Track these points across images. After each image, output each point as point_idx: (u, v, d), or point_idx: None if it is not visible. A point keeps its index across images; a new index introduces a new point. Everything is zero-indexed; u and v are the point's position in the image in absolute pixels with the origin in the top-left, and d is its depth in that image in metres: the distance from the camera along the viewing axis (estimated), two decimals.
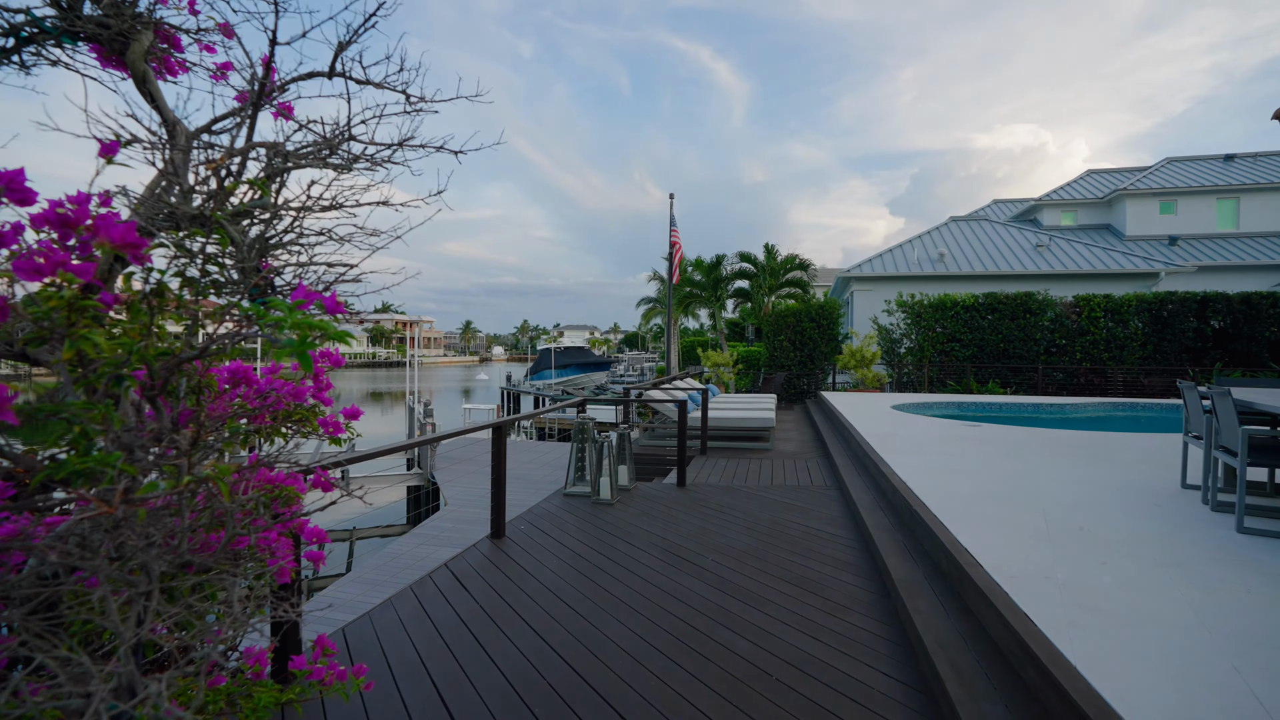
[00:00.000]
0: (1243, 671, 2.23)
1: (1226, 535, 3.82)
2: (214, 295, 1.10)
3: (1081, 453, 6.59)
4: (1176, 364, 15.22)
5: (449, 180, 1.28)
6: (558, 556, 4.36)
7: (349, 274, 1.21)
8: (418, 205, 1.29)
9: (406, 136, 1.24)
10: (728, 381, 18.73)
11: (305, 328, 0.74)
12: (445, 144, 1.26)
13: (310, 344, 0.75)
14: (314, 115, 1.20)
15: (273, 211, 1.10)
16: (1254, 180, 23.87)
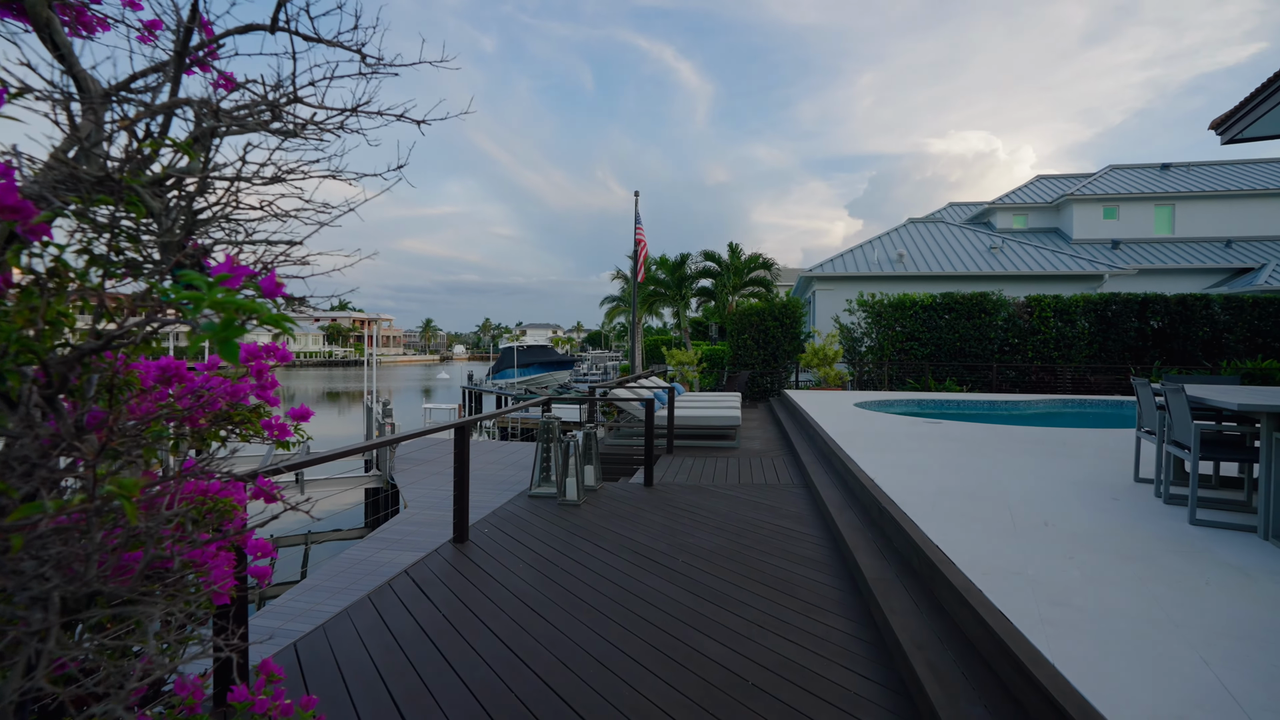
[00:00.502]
0: (1211, 663, 2.25)
1: (1180, 527, 3.93)
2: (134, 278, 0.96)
3: (1038, 449, 6.74)
4: (1120, 362, 15.85)
5: (410, 153, 1.14)
6: (524, 560, 4.22)
7: (295, 254, 1.07)
8: (374, 178, 1.16)
9: (362, 100, 1.10)
10: (692, 380, 18.75)
11: (230, 309, 0.61)
12: (407, 112, 1.12)
13: (237, 329, 0.62)
14: (255, 76, 1.06)
15: (200, 178, 0.95)
16: (1188, 189, 25.10)
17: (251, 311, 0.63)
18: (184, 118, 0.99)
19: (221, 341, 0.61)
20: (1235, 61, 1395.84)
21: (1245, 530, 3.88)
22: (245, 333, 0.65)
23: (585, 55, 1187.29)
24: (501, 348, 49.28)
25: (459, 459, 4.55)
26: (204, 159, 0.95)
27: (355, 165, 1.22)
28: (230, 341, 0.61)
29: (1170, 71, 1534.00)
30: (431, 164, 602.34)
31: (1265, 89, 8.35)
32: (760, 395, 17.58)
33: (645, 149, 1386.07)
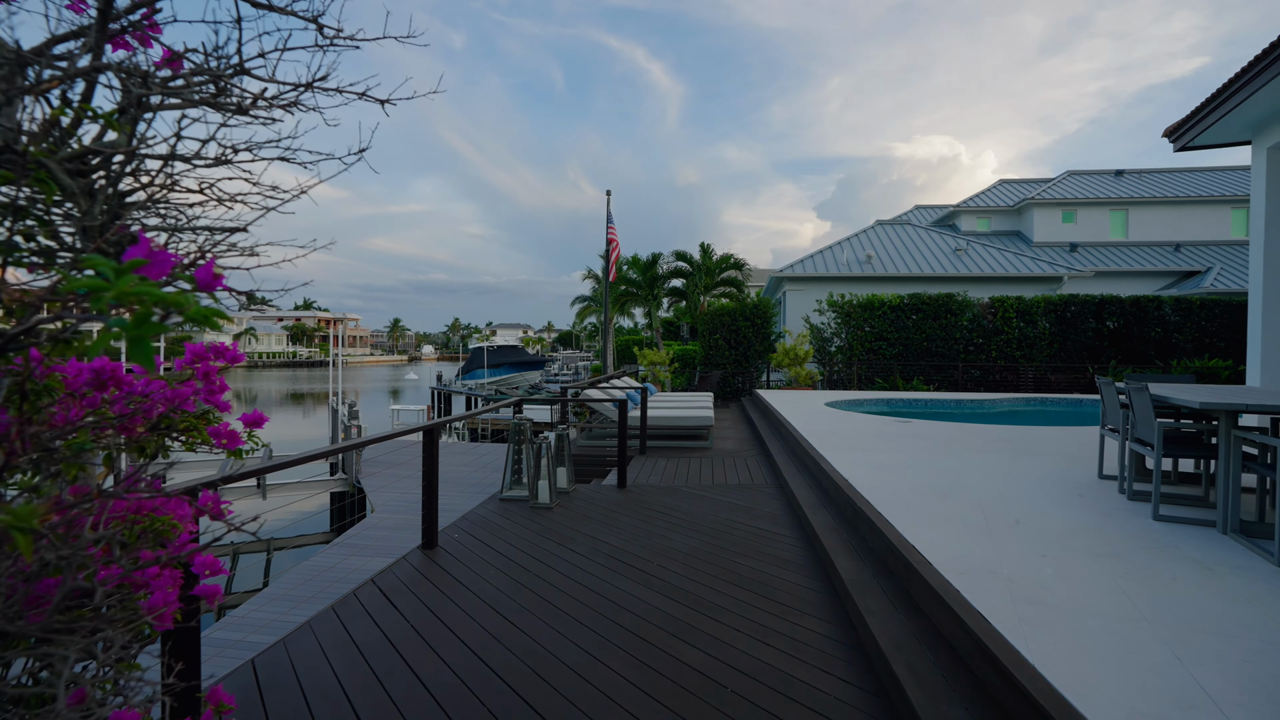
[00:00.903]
0: (1184, 660, 2.27)
1: (1145, 523, 4.00)
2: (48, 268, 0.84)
3: (1005, 447, 6.86)
4: (1078, 361, 16.33)
5: (374, 137, 1.05)
6: (495, 566, 4.11)
7: (243, 244, 0.97)
8: (332, 161, 1.06)
9: (319, 75, 1.00)
10: (664, 380, 18.73)
11: (144, 302, 0.51)
12: (369, 90, 1.03)
13: (154, 325, 0.53)
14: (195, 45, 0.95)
15: (126, 154, 0.84)
16: (1140, 194, 26.04)
17: (171, 305, 0.54)
18: (108, 85, 0.87)
19: (134, 341, 0.51)
20: (1181, 74, 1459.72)
21: (1205, 525, 3.97)
22: (165, 329, 0.56)
23: (557, 54, 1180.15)
24: (471, 348, 48.64)
25: (428, 463, 4.41)
26: (131, 134, 0.84)
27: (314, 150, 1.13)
28: (144, 341, 0.52)
29: (1121, 82, 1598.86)
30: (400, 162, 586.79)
31: (1212, 101, 8.66)
32: (732, 395, 17.65)
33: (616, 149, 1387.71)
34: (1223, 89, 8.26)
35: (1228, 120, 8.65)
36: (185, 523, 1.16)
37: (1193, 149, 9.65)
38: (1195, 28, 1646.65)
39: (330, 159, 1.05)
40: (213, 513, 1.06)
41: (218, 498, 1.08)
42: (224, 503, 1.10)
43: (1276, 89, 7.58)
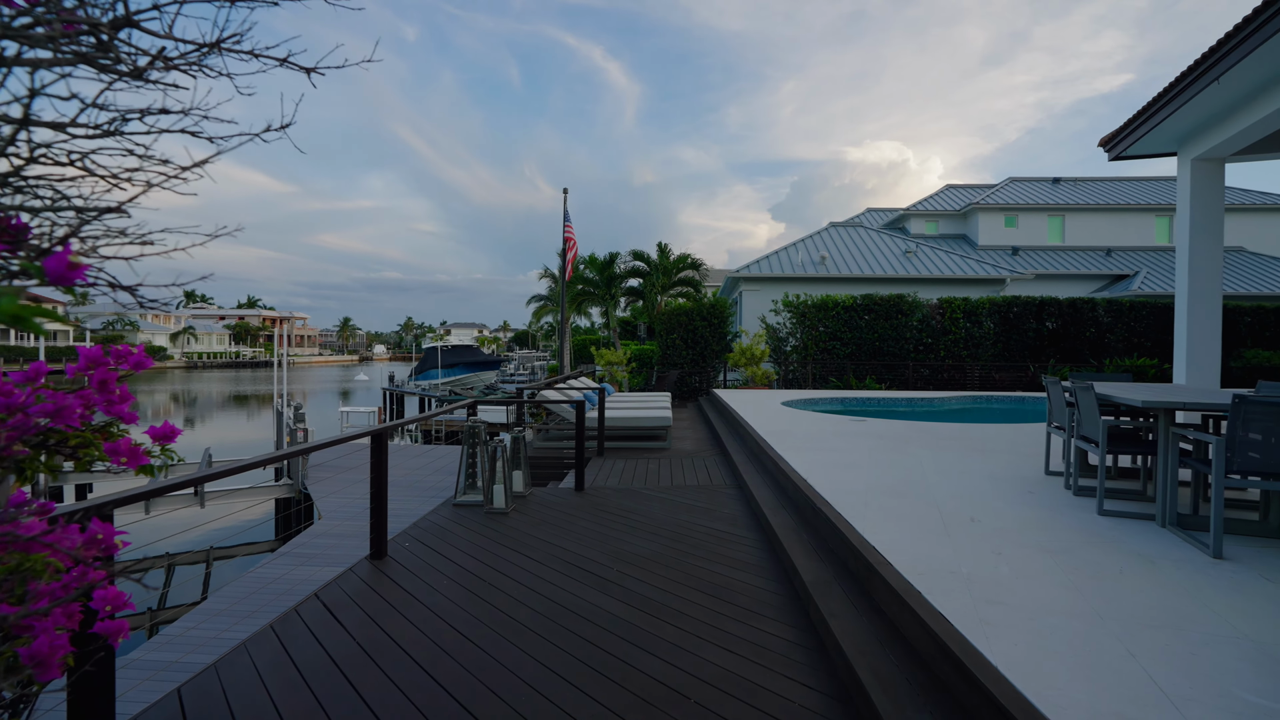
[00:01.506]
0: (1137, 656, 2.30)
1: (1090, 518, 4.12)
2: None
3: (956, 444, 7.02)
4: (1021, 360, 16.98)
5: (297, 111, 0.91)
6: (447, 576, 3.94)
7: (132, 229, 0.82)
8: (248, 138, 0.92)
9: (228, 34, 0.86)
10: (621, 380, 18.64)
11: None
12: (291, 56, 0.89)
13: None
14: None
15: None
16: (1075, 201, 27.31)
17: None
18: None
19: None
20: (1109, 89, 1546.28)
21: (1145, 519, 4.11)
22: None
23: (513, 50, 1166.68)
24: (425, 348, 47.52)
25: (376, 469, 4.21)
26: None
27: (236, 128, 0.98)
28: None
29: (1056, 94, 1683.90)
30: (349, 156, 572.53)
31: (1142, 114, 9.07)
32: (689, 394, 17.69)
33: (573, 147, 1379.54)
34: (1151, 103, 8.66)
35: (1156, 132, 9.07)
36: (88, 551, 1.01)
37: (1126, 159, 10.10)
38: (1122, 46, 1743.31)
39: (248, 137, 0.91)
40: (102, 546, 0.91)
41: (110, 529, 0.93)
42: (118, 533, 0.95)
43: (1197, 106, 8.03)
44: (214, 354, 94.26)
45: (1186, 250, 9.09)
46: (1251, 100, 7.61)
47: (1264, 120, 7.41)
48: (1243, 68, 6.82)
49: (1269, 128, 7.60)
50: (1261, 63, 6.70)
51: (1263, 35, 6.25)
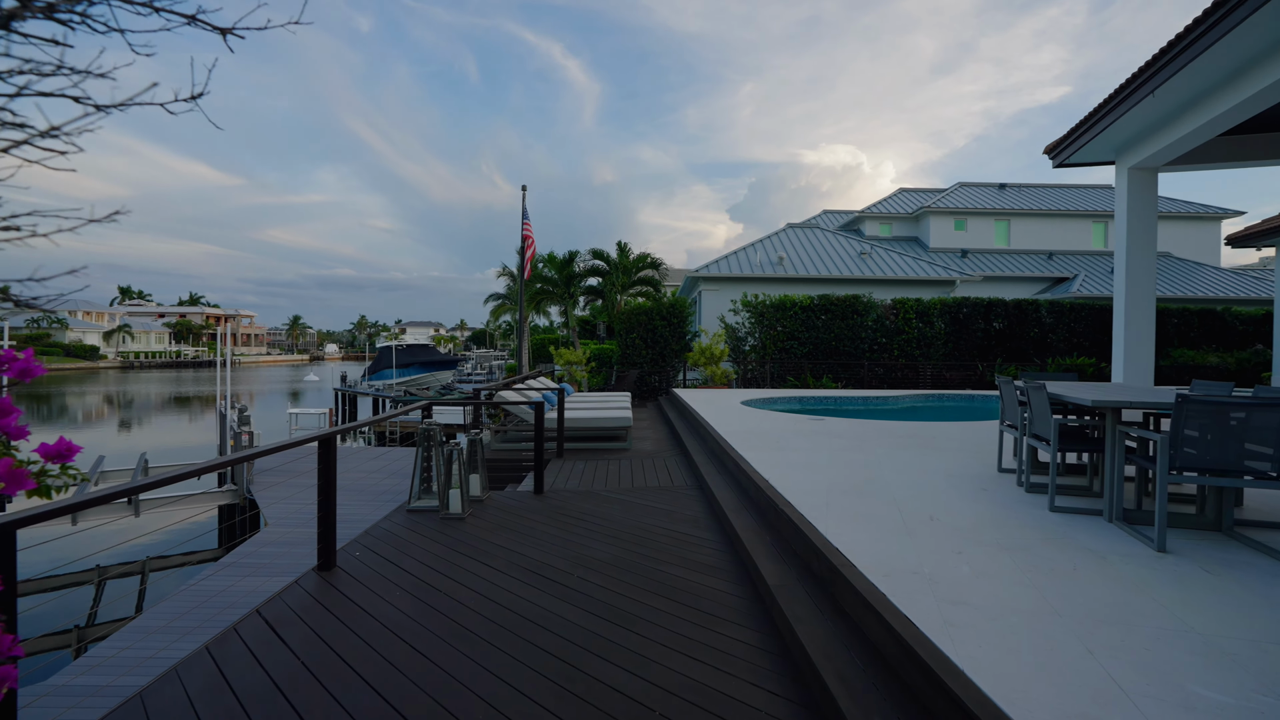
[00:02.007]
0: (1095, 653, 2.33)
1: (1043, 515, 4.22)
2: None
3: (912, 442, 7.15)
4: (970, 359, 17.52)
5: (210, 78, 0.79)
6: (401, 587, 3.77)
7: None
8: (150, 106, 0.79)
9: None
10: (581, 379, 18.49)
11: None
12: (202, 12, 0.77)
13: None
14: None
15: None
16: (1020, 206, 28.43)
17: None
18: None
19: None
20: (1049, 100, 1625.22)
21: (1093, 514, 4.23)
22: None
23: (470, 44, 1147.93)
24: (379, 347, 46.25)
25: (324, 476, 4.00)
26: None
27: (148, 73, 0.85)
28: None
29: (1001, 104, 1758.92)
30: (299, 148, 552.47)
31: (1083, 124, 9.44)
32: (649, 394, 17.66)
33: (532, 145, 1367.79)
34: (1092, 114, 9.03)
35: (1096, 142, 9.47)
36: None
37: (1069, 166, 10.51)
38: (1060, 60, 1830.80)
39: (148, 105, 0.78)
40: None
41: None
42: None
43: (1132, 118, 8.47)
44: (153, 353, 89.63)
45: (1124, 255, 9.49)
46: (1181, 115, 8.06)
47: (1192, 134, 7.89)
48: (1174, 83, 7.22)
49: (1196, 140, 8.07)
50: (1190, 79, 7.09)
51: (1191, 54, 6.62)
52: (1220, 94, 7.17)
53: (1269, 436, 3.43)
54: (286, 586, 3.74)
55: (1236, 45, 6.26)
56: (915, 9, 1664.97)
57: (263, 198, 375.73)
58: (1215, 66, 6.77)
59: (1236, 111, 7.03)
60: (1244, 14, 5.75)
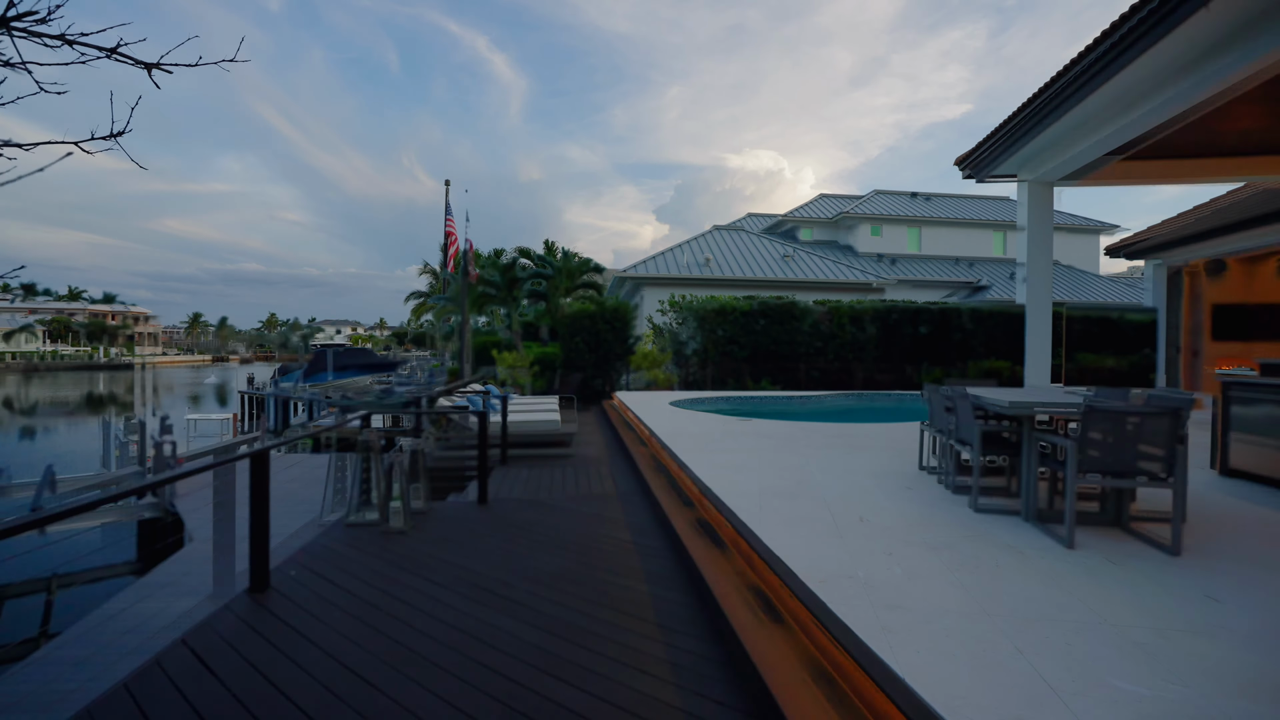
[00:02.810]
0: (1025, 652, 2.50)
1: (966, 514, 4.48)
2: None
3: (839, 443, 7.44)
4: (899, 362, 18.35)
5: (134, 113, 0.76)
6: (340, 608, 3.65)
7: None
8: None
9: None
10: (524, 383, 18.28)
11: None
12: (123, 44, 0.72)
13: None
14: None
15: None
16: (930, 215, 30.10)
17: None
18: None
19: None
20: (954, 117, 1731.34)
21: (1011, 514, 4.53)
22: None
23: (391, 32, 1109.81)
24: (314, 347, 44.17)
25: (256, 495, 3.82)
26: None
27: None
28: None
29: (911, 117, 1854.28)
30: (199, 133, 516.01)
31: (989, 139, 10.08)
32: (593, 397, 17.64)
33: (457, 140, 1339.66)
34: (995, 131, 9.65)
35: (1001, 156, 10.10)
36: None
37: (977, 178, 11.18)
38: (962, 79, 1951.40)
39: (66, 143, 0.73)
40: None
41: None
42: None
43: (1031, 138, 9.16)
44: (23, 354, 79.34)
45: (1026, 264, 10.16)
46: (1073, 137, 8.80)
47: (1082, 153, 8.63)
48: (1065, 108, 7.98)
49: (1087, 159, 8.82)
50: (1079, 106, 7.83)
51: (1077, 85, 7.44)
52: (1106, 120, 7.96)
53: (1160, 440, 3.77)
54: (215, 611, 3.55)
55: (1117, 82, 6.96)
56: (832, 24, 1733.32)
57: (157, 185, 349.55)
58: (1100, 97, 7.64)
59: (1117, 135, 7.84)
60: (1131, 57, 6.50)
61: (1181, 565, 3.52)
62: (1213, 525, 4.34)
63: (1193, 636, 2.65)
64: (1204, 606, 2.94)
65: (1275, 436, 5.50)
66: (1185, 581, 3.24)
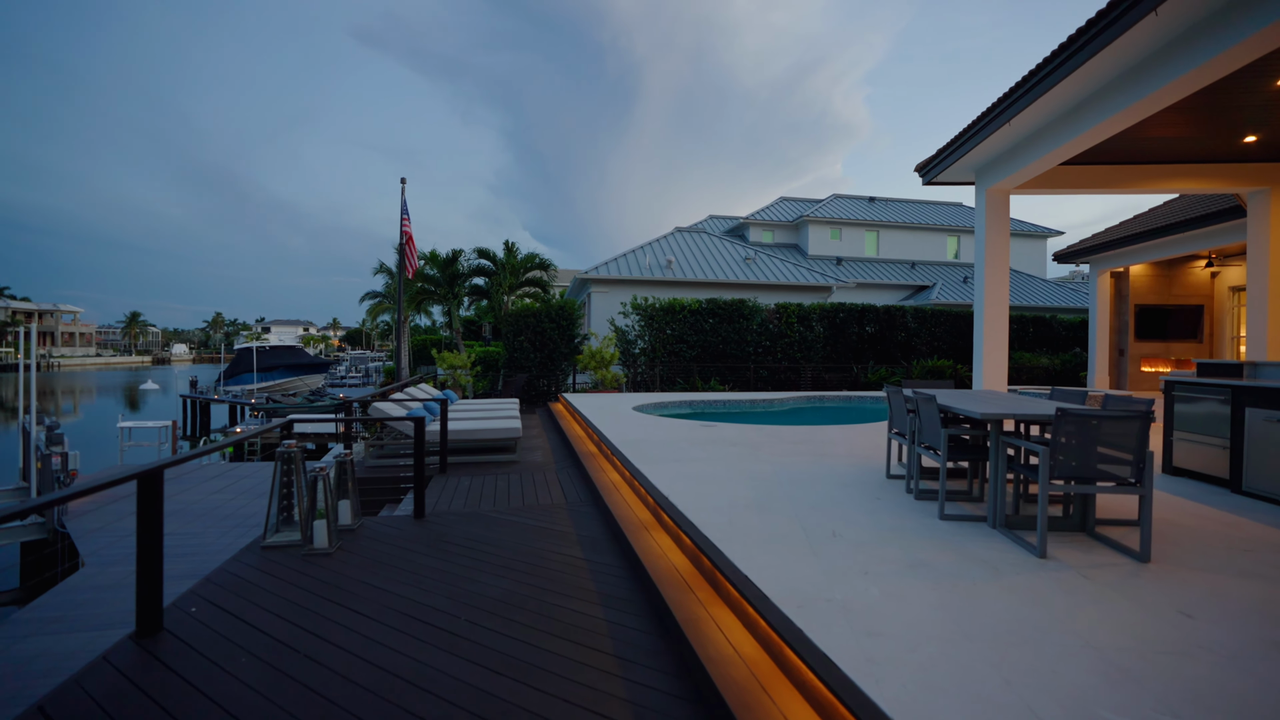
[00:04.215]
0: (1013, 683, 2.29)
1: (934, 524, 4.33)
2: None
3: (804, 448, 7.28)
4: (846, 361, 18.57)
5: None
6: (246, 650, 3.16)
7: None
8: None
9: None
10: (465, 384, 17.61)
11: None
12: None
13: None
14: None
15: None
16: (887, 219, 30.78)
17: None
18: None
19: None
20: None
21: (977, 520, 4.41)
22: None
23: None
24: (238, 348, 41.73)
25: (145, 523, 3.27)
26: None
27: None
28: None
29: None
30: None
31: (946, 148, 10.22)
32: (538, 399, 17.13)
33: None
34: (953, 141, 9.82)
35: (958, 164, 10.29)
36: None
37: (936, 184, 11.33)
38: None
39: None
40: None
41: None
42: None
43: (984, 147, 9.42)
44: None
45: (983, 268, 10.32)
46: (1025, 146, 9.14)
47: (1035, 164, 9.06)
48: (1017, 120, 8.47)
49: (1039, 170, 9.22)
50: (1034, 115, 8.24)
51: (1025, 101, 7.78)
52: (1054, 132, 8.41)
53: (1130, 445, 3.68)
54: (91, 664, 3.00)
55: (1059, 95, 7.49)
56: None
57: None
58: (1046, 110, 8.02)
59: (1067, 149, 8.22)
60: (1067, 70, 6.94)
61: (1150, 574, 3.43)
62: (1169, 526, 4.32)
63: (1174, 658, 2.51)
64: (1179, 624, 2.82)
65: (1216, 435, 5.61)
66: (1157, 595, 3.14)
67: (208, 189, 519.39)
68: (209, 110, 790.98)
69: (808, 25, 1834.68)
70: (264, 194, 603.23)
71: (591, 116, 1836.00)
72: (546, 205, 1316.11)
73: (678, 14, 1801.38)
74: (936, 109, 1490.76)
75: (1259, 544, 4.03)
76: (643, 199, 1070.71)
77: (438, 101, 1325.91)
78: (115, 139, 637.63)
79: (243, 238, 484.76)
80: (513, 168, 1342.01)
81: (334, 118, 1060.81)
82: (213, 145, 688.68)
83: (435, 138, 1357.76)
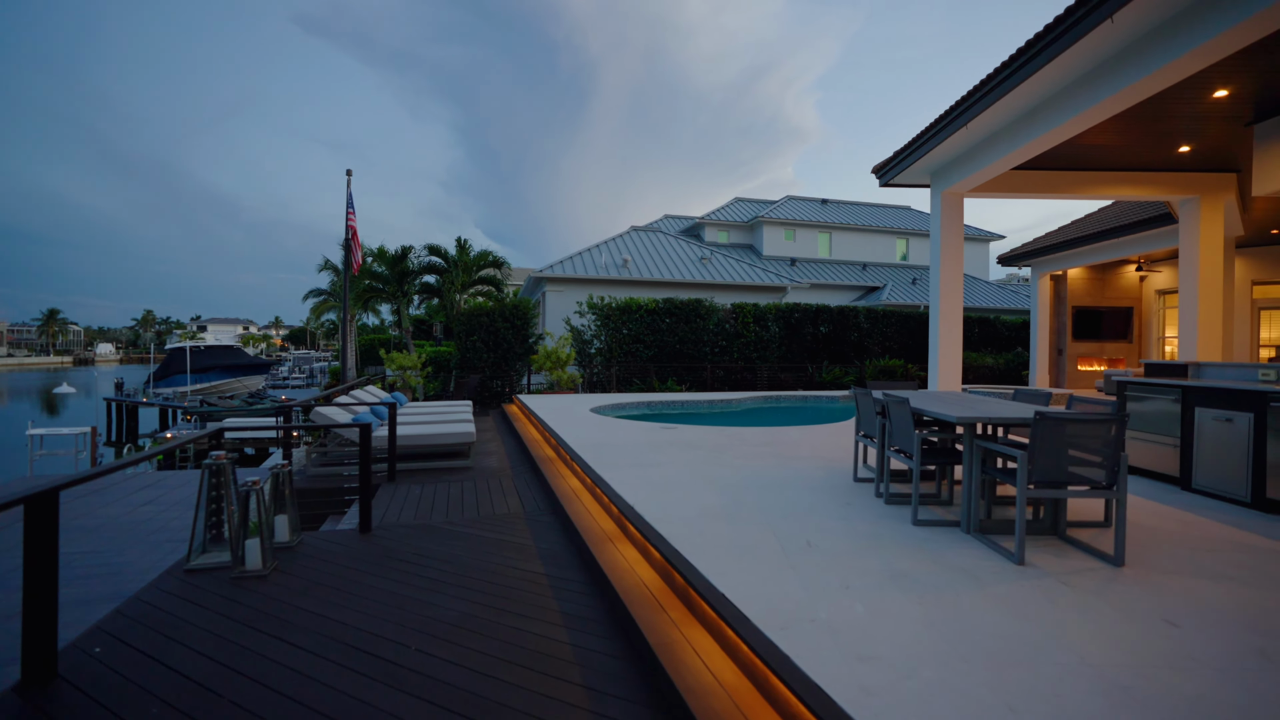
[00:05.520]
0: (1018, 710, 2.14)
1: (908, 530, 4.22)
2: None
3: (768, 451, 7.15)
4: (801, 361, 18.71)
5: None
6: (160, 698, 2.75)
7: None
8: None
9: None
10: (415, 385, 16.96)
11: None
12: None
13: None
14: None
15: None
16: (839, 221, 31.32)
17: None
18: None
19: None
20: None
21: (950, 525, 4.32)
22: None
23: None
24: (170, 348, 39.33)
25: (34, 555, 2.82)
26: None
27: None
28: None
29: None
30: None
31: (902, 151, 10.31)
32: (491, 400, 16.63)
33: None
34: (910, 143, 9.91)
35: (914, 167, 10.40)
36: None
37: (892, 186, 11.44)
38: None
39: None
40: None
41: None
42: None
43: (941, 150, 9.58)
44: None
45: (938, 269, 10.46)
46: (980, 150, 9.33)
47: (987, 169, 9.26)
48: (971, 125, 8.60)
49: (991, 174, 9.44)
50: (991, 119, 8.42)
51: (979, 108, 7.99)
52: (1008, 136, 8.63)
53: (1105, 448, 3.64)
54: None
55: (1016, 99, 7.66)
56: None
57: None
58: (1002, 114, 8.21)
59: (1020, 154, 8.42)
60: (1025, 74, 7.11)
61: (1127, 579, 3.38)
62: (1131, 527, 4.33)
63: (1170, 673, 2.42)
64: (1167, 634, 2.74)
65: (1167, 434, 5.73)
66: (1138, 602, 3.08)
67: (135, 179, 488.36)
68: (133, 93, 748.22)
69: (761, 29, 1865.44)
70: (199, 185, 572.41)
71: (545, 113, 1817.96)
72: (500, 202, 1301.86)
73: (632, 13, 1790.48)
74: (885, 115, 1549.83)
75: (1220, 543, 4.06)
76: (597, 198, 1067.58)
77: (386, 94, 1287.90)
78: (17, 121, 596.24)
79: (176, 231, 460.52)
80: (464, 164, 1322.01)
81: (275, 107, 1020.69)
82: (140, 132, 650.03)
83: (383, 131, 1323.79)
